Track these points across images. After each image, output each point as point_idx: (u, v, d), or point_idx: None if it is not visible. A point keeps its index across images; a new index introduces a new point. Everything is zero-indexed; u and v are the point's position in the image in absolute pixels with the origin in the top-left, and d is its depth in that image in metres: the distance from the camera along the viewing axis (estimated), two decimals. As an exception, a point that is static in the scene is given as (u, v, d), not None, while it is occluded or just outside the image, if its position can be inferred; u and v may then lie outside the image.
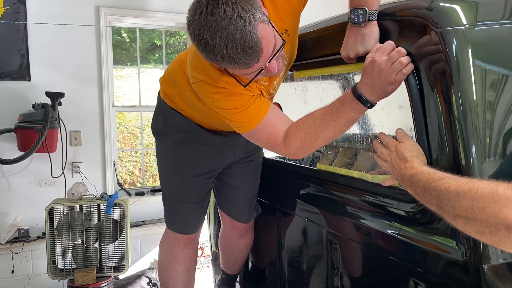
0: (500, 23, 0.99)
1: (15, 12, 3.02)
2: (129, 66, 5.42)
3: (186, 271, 1.84)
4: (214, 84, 1.25)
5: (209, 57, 1.07)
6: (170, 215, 1.80)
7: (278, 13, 1.24)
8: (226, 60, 1.05)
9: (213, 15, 1.00)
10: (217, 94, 1.26)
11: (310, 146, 1.21)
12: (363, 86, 1.08)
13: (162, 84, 1.67)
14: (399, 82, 1.04)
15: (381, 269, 1.18)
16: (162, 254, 1.88)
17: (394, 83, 1.04)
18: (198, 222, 1.81)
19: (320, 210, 1.43)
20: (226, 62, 1.06)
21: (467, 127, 0.91)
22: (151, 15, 3.43)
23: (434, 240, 0.98)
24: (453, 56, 0.93)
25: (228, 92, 1.24)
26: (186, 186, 1.72)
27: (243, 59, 1.04)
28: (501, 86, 0.95)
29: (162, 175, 1.80)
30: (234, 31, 1.01)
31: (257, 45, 1.04)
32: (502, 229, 0.69)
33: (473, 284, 0.89)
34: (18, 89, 3.07)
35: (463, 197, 0.75)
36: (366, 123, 1.71)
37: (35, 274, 3.11)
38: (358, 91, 1.09)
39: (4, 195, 3.08)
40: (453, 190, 0.78)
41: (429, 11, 0.99)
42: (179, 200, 1.75)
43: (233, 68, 1.09)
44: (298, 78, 1.63)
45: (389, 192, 1.13)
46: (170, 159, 1.73)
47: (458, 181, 0.79)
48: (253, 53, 1.04)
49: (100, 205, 2.78)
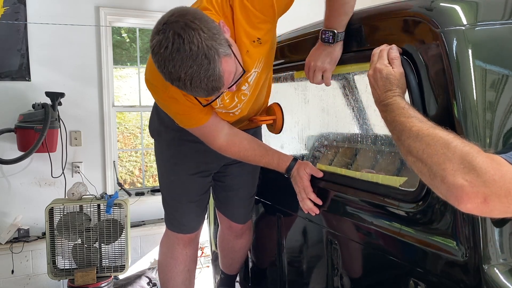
0: (500, 23, 0.99)
1: (15, 12, 3.02)
2: (129, 66, 5.42)
3: (186, 272, 1.83)
4: (164, 91, 1.34)
5: (169, 81, 1.12)
6: (169, 215, 1.80)
7: (250, 22, 1.28)
8: (188, 91, 1.12)
9: (178, 51, 1.04)
10: (165, 101, 1.40)
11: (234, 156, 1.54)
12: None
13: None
14: None
15: (381, 269, 1.18)
16: (162, 255, 1.87)
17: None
18: (197, 222, 1.81)
19: (320, 210, 1.43)
20: (186, 91, 1.13)
21: (467, 127, 0.91)
22: (151, 15, 3.43)
23: (434, 240, 0.98)
24: (453, 56, 0.93)
25: (174, 101, 1.36)
26: (183, 185, 1.72)
27: (204, 93, 1.12)
28: (501, 86, 0.95)
29: (160, 175, 1.80)
30: (198, 70, 1.06)
31: (219, 80, 1.10)
32: (438, 177, 0.78)
33: (473, 285, 0.89)
34: (18, 89, 3.07)
35: (420, 139, 0.84)
36: (366, 123, 1.71)
37: (35, 274, 3.11)
38: (289, 173, 1.46)
39: (4, 195, 3.09)
40: (415, 131, 0.86)
41: (429, 11, 0.99)
42: (177, 199, 1.75)
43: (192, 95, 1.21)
44: (298, 78, 1.63)
45: (389, 192, 1.13)
46: (167, 159, 1.75)
47: (422, 124, 0.87)
48: (214, 87, 1.10)
49: (100, 205, 2.78)
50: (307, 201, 1.40)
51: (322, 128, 1.76)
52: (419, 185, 1.02)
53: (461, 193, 0.74)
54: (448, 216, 0.94)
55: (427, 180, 0.83)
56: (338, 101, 1.68)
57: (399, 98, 0.98)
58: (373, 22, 1.18)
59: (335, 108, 1.65)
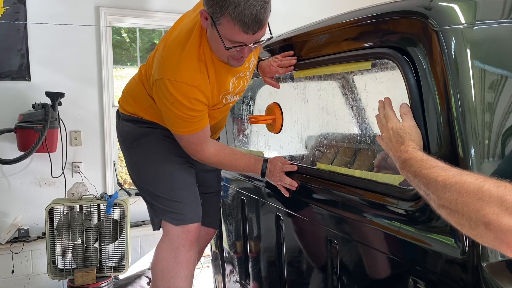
0: (499, 22, 0.99)
1: (15, 12, 3.02)
2: (129, 66, 5.41)
3: (190, 277, 1.73)
4: (189, 90, 1.41)
5: (225, 4, 1.23)
6: (170, 210, 1.70)
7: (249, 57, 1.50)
8: (236, 11, 1.22)
9: None
10: (179, 102, 1.43)
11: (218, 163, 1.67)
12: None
13: (125, 104, 1.77)
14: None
15: (380, 268, 1.18)
16: (162, 260, 1.71)
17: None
18: (199, 210, 1.75)
19: (320, 209, 1.43)
20: (232, 14, 1.23)
21: (466, 127, 0.91)
22: (151, 15, 3.44)
23: (433, 238, 0.98)
24: (452, 55, 0.93)
25: (190, 103, 1.43)
26: (181, 171, 1.72)
27: (250, 22, 1.24)
28: (500, 86, 0.95)
29: (149, 174, 1.74)
30: (262, 2, 1.23)
31: (264, 19, 1.26)
32: (481, 225, 0.71)
33: (472, 282, 0.89)
34: (18, 89, 3.07)
35: (449, 189, 0.78)
36: (366, 122, 1.71)
37: (35, 274, 3.11)
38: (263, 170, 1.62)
39: (4, 195, 3.09)
40: (441, 181, 0.80)
41: (427, 10, 0.99)
42: (178, 186, 1.71)
43: (231, 25, 1.26)
44: (298, 78, 1.63)
45: (388, 190, 1.13)
46: (159, 153, 1.71)
47: (447, 172, 0.81)
48: (259, 19, 1.25)
49: (100, 205, 2.78)
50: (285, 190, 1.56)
51: (322, 127, 1.76)
52: (418, 183, 1.02)
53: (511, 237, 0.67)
54: (447, 214, 0.94)
55: (468, 231, 0.76)
56: (338, 101, 1.68)
57: (415, 151, 0.94)
58: (372, 21, 1.19)
59: (335, 107, 1.66)
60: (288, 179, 1.54)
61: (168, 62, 1.43)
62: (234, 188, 2.07)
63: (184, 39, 1.44)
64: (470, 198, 0.73)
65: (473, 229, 0.73)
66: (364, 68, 1.24)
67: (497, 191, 0.71)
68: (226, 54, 1.40)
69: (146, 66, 1.67)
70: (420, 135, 1.00)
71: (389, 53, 1.09)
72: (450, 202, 0.77)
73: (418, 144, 0.98)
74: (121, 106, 1.80)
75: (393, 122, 1.03)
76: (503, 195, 0.70)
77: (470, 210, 0.73)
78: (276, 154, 1.99)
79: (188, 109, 1.44)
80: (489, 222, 0.69)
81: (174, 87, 1.40)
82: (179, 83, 1.40)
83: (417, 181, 0.88)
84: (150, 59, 1.63)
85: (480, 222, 0.71)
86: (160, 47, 1.53)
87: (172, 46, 1.46)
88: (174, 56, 1.42)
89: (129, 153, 1.78)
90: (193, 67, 1.42)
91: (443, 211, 0.80)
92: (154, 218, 1.80)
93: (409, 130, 0.99)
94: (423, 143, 1.00)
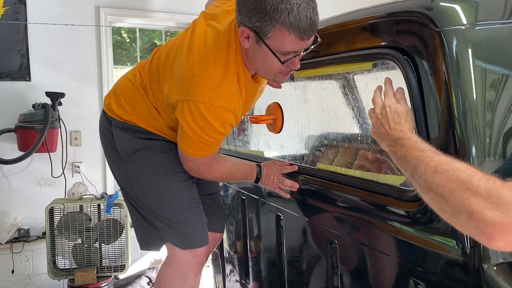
0: (500, 23, 0.99)
1: (15, 12, 3.02)
2: (129, 66, 5.41)
3: None
4: (225, 115, 1.31)
5: (271, 11, 1.13)
6: (180, 232, 1.59)
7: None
8: (291, 16, 1.13)
9: None
10: (210, 126, 1.32)
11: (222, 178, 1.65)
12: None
13: (118, 109, 1.57)
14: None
15: (381, 269, 1.18)
16: (169, 286, 1.61)
17: None
18: (206, 227, 1.66)
19: (320, 210, 1.43)
20: (287, 21, 1.14)
21: (467, 127, 0.91)
22: (151, 15, 3.43)
23: (434, 239, 0.98)
24: (453, 55, 0.93)
25: (222, 126, 1.34)
26: (186, 188, 1.60)
27: (306, 23, 1.15)
28: (501, 86, 0.95)
29: (150, 192, 1.59)
30: (313, 4, 1.17)
31: (316, 24, 1.19)
32: (463, 214, 0.74)
33: (473, 284, 0.89)
34: (18, 89, 3.07)
35: (439, 175, 0.80)
36: (366, 122, 1.71)
37: (35, 274, 3.11)
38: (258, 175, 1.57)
39: (4, 195, 3.09)
40: (433, 166, 0.82)
41: (429, 11, 0.99)
42: (185, 206, 1.60)
43: (286, 33, 1.16)
44: (298, 78, 1.63)
45: (389, 191, 1.13)
46: (161, 168, 1.57)
47: (439, 158, 0.83)
48: (312, 28, 1.17)
49: (100, 205, 2.78)
50: (284, 192, 1.53)
51: (322, 127, 1.76)
52: (419, 184, 1.02)
53: (492, 230, 0.70)
54: (448, 215, 0.94)
55: (449, 218, 0.78)
56: (338, 101, 1.68)
57: (410, 132, 0.95)
58: (373, 22, 1.18)
59: (335, 108, 1.66)
60: (288, 181, 1.51)
61: (205, 84, 1.28)
62: (235, 188, 2.07)
63: (221, 58, 1.30)
64: (458, 186, 0.75)
65: (455, 217, 0.76)
66: (365, 68, 1.24)
67: (486, 184, 0.73)
68: (274, 71, 1.28)
69: (149, 74, 1.52)
70: (413, 118, 1.01)
71: (390, 53, 1.09)
72: (437, 188, 0.79)
73: (412, 126, 0.99)
74: (112, 110, 1.58)
75: (392, 101, 1.03)
76: (490, 189, 0.72)
77: (456, 198, 0.75)
78: (276, 154, 1.99)
79: (218, 134, 1.34)
80: (472, 213, 0.72)
81: (210, 111, 1.27)
82: (216, 107, 1.27)
83: (405, 161, 0.90)
84: (155, 67, 1.49)
85: (463, 211, 0.74)
86: (180, 60, 1.36)
87: (209, 64, 1.29)
88: (214, 78, 1.28)
89: (125, 166, 1.61)
90: (234, 91, 1.31)
91: (428, 195, 0.82)
92: (153, 238, 1.66)
93: (406, 111, 1.00)
94: (414, 125, 1.01)
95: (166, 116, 1.51)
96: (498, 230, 0.69)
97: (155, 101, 1.51)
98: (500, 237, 0.70)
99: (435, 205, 0.81)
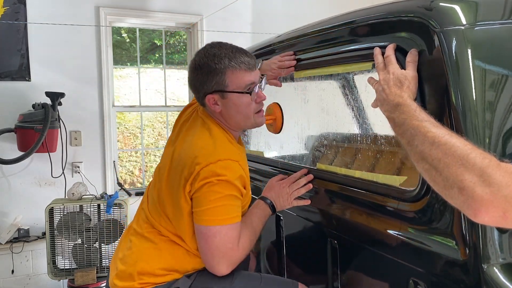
0: (500, 23, 0.99)
1: (15, 12, 3.02)
2: (129, 66, 5.42)
3: None
4: (238, 168, 1.32)
5: (216, 65, 1.31)
6: None
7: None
8: (233, 60, 1.31)
9: (220, 47, 1.36)
10: (227, 181, 1.28)
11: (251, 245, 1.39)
12: None
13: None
14: None
15: (380, 269, 1.18)
16: None
17: None
18: None
19: (320, 210, 1.43)
20: (232, 64, 1.31)
21: (467, 127, 0.91)
22: (151, 15, 3.44)
23: (434, 240, 0.98)
24: (453, 56, 0.93)
25: (235, 183, 1.30)
26: None
27: (246, 58, 1.33)
28: (500, 86, 0.95)
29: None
30: (240, 47, 1.36)
31: (252, 56, 1.35)
32: (455, 187, 0.76)
33: (473, 284, 0.89)
34: (18, 89, 3.07)
35: (436, 147, 0.81)
36: (366, 123, 1.71)
37: (35, 274, 3.11)
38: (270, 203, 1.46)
39: (4, 195, 3.09)
40: (430, 137, 0.83)
41: (428, 11, 0.99)
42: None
43: (236, 71, 1.32)
44: (298, 78, 1.63)
45: (389, 191, 1.13)
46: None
47: (438, 130, 0.83)
48: (252, 58, 1.34)
49: (100, 205, 2.78)
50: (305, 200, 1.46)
51: (322, 128, 1.76)
52: (419, 184, 1.02)
53: (480, 206, 0.73)
54: (447, 215, 0.94)
55: (439, 189, 0.80)
56: (338, 101, 1.68)
57: (410, 99, 0.95)
58: (373, 22, 1.19)
59: (335, 108, 1.66)
60: (302, 189, 1.46)
61: (203, 151, 1.31)
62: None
63: (205, 133, 1.37)
64: (454, 161, 0.77)
65: (446, 189, 0.78)
66: (365, 68, 1.24)
67: (481, 162, 0.75)
68: (251, 113, 1.38)
69: (158, 216, 1.40)
70: (417, 85, 1.00)
71: (390, 53, 1.08)
72: (433, 159, 0.80)
73: (413, 93, 0.99)
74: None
75: (394, 67, 1.02)
76: (485, 167, 0.74)
77: (450, 172, 0.77)
78: (276, 153, 1.99)
79: (235, 189, 1.31)
80: (464, 188, 0.74)
81: (221, 166, 1.28)
82: (224, 160, 1.29)
83: (403, 129, 0.90)
84: (155, 199, 1.42)
85: (455, 185, 0.76)
86: (172, 161, 1.38)
87: (199, 143, 1.34)
88: (209, 145, 1.33)
89: None
90: (230, 145, 1.38)
91: (422, 165, 0.83)
92: None
93: (410, 79, 0.99)
94: (416, 93, 1.00)
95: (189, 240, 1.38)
96: (485, 206, 0.72)
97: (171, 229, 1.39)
98: (486, 213, 0.73)
99: (427, 175, 0.83)
